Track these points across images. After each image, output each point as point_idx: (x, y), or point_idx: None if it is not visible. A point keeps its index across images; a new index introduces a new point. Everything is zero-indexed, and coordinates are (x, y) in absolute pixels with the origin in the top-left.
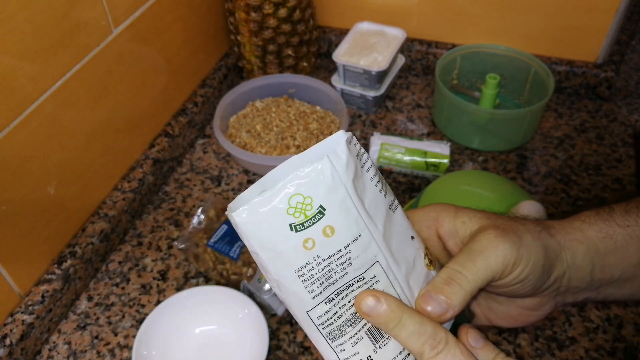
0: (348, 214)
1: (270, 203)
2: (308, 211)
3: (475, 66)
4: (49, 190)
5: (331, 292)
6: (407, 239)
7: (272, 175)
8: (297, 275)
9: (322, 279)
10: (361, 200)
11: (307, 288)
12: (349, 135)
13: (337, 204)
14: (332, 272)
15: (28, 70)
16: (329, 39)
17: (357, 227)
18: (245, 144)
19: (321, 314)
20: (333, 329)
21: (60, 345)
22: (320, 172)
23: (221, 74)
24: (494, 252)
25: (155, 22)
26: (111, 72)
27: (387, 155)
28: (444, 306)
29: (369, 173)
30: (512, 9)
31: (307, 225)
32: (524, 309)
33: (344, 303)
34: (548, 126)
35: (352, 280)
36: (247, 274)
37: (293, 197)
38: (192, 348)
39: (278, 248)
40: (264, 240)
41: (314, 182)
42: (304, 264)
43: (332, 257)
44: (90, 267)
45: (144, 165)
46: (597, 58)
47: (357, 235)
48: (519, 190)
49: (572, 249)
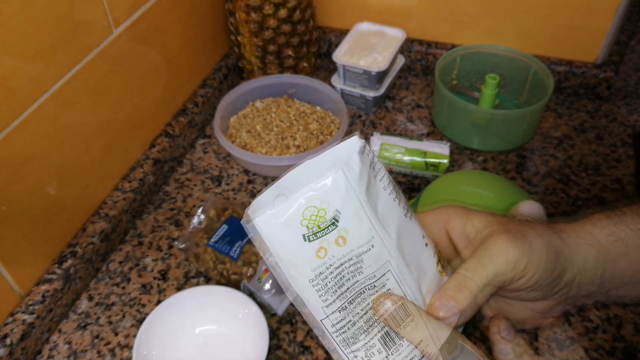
0: (361, 224)
1: (284, 215)
2: (321, 222)
3: (474, 66)
4: (50, 190)
5: (344, 300)
6: (421, 246)
7: (287, 179)
8: (311, 285)
9: (334, 287)
10: (374, 210)
11: (321, 297)
12: (362, 145)
13: (350, 215)
14: (344, 279)
15: (29, 70)
16: (329, 40)
17: (370, 236)
18: (245, 144)
19: (335, 322)
20: (347, 337)
21: (60, 345)
22: (334, 184)
23: (221, 74)
24: (504, 258)
25: (155, 22)
26: (112, 72)
27: (387, 156)
28: (455, 312)
29: (382, 182)
30: (512, 10)
31: (320, 236)
32: (534, 311)
33: (357, 311)
34: (547, 126)
35: (364, 287)
36: (247, 274)
37: (307, 209)
38: (193, 348)
39: (292, 257)
40: (278, 251)
41: (328, 194)
42: (318, 273)
43: (343, 265)
44: (90, 266)
45: (145, 165)
46: (596, 58)
47: (370, 246)
48: (519, 190)
49: (583, 253)
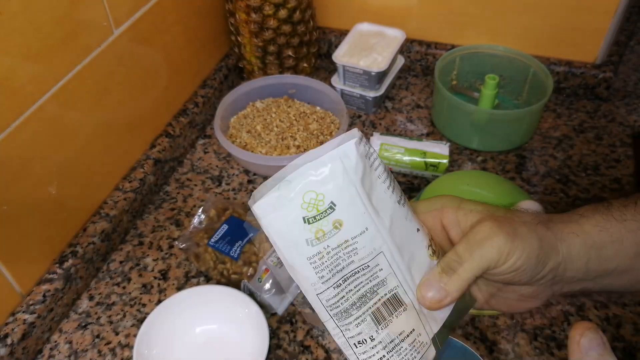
0: (356, 209)
1: (286, 198)
2: (320, 206)
3: (474, 67)
4: (50, 190)
5: (339, 278)
6: (413, 231)
7: (290, 167)
8: (309, 262)
9: (331, 266)
10: (369, 197)
11: (317, 274)
12: (359, 137)
13: (347, 200)
14: (339, 259)
15: (29, 70)
16: (328, 40)
17: (364, 221)
18: (245, 144)
19: (329, 297)
20: (340, 311)
21: (61, 345)
22: (332, 172)
23: (222, 75)
24: (489, 242)
25: (156, 23)
26: (112, 72)
27: (387, 156)
28: (443, 293)
29: (377, 171)
30: (511, 10)
31: (318, 218)
32: (522, 296)
33: (350, 288)
34: (547, 126)
35: (358, 267)
36: (247, 274)
37: (307, 193)
38: (193, 347)
39: (293, 238)
40: (280, 231)
41: (326, 181)
42: (316, 252)
43: (340, 246)
44: (91, 266)
45: (145, 165)
46: (595, 59)
47: (364, 229)
48: (518, 190)
49: (568, 241)
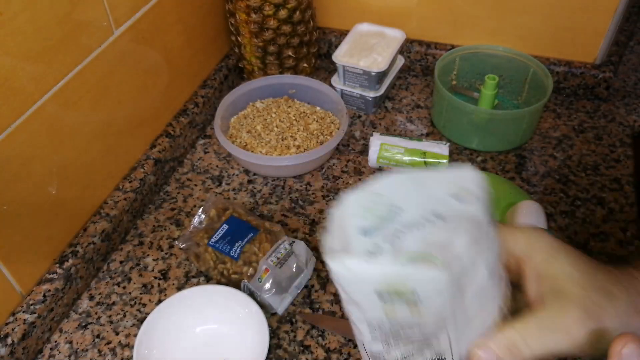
0: (441, 310)
1: (368, 272)
2: (401, 294)
3: (474, 67)
4: (51, 190)
5: (391, 340)
6: (491, 311)
7: (386, 193)
8: (367, 323)
9: (388, 333)
10: (462, 297)
11: (371, 333)
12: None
13: (435, 304)
14: (399, 332)
15: (30, 71)
16: (328, 40)
17: (444, 320)
18: (245, 144)
19: (376, 351)
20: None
21: (61, 345)
22: (431, 280)
23: (222, 75)
24: (568, 338)
25: (156, 23)
26: (112, 72)
27: (387, 156)
28: None
29: (484, 268)
30: (511, 10)
31: (395, 301)
32: None
33: (397, 346)
34: (546, 126)
35: (414, 339)
36: (247, 274)
37: (394, 282)
38: (193, 347)
39: (360, 303)
40: (351, 294)
41: (417, 282)
42: (378, 318)
43: (405, 325)
44: (91, 266)
45: (145, 165)
46: (595, 59)
47: (441, 326)
48: (518, 190)
49: None
